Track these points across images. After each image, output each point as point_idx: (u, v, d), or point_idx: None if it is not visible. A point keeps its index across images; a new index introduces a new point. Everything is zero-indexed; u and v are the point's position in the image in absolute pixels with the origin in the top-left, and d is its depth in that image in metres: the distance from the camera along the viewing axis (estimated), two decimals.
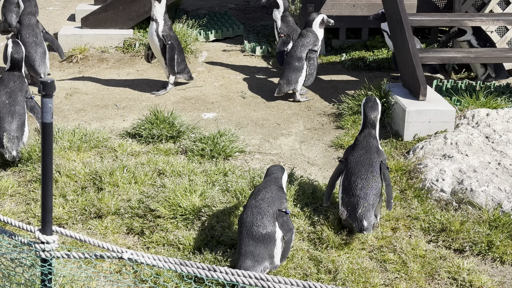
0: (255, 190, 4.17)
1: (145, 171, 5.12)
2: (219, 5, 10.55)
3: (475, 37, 7.22)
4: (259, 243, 3.89)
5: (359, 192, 4.41)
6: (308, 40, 6.79)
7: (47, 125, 2.26)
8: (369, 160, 4.51)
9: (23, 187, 5.03)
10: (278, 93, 6.75)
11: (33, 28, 7.23)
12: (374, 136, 4.66)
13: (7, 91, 5.50)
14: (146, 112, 6.24)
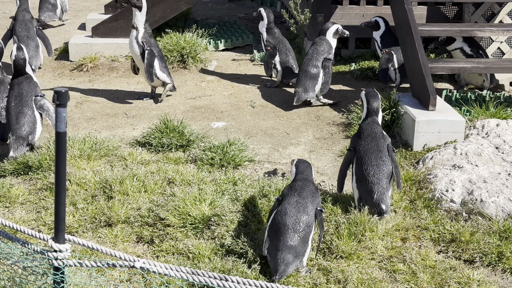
0: (293, 186, 4.31)
1: (155, 180, 5.14)
2: (229, 15, 10.59)
3: (467, 44, 7.17)
4: (301, 239, 4.09)
5: (372, 179, 4.72)
6: (322, 48, 6.83)
7: (61, 135, 2.28)
8: (376, 147, 4.81)
9: (33, 195, 5.06)
10: (296, 101, 6.77)
11: (26, 23, 7.87)
12: (377, 122, 4.96)
13: (15, 94, 5.72)
14: (156, 121, 6.27)
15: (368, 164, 4.77)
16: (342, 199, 4.90)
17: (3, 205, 4.91)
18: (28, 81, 5.81)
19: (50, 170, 5.30)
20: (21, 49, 5.87)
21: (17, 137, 5.62)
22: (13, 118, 5.66)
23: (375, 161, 4.77)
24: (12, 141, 5.62)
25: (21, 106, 5.68)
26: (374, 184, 4.71)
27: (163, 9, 8.35)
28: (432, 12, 8.11)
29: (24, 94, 5.73)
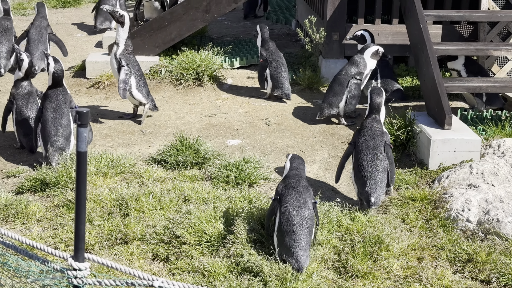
0: (288, 183, 4.55)
1: (170, 197, 5.17)
2: (244, 33, 10.65)
3: (465, 69, 7.16)
4: (308, 233, 4.36)
5: (366, 173, 5.11)
6: (355, 67, 6.88)
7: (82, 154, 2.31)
8: (373, 144, 5.19)
9: (50, 212, 5.10)
10: (319, 116, 6.88)
11: (40, 29, 8.54)
12: (378, 120, 5.30)
13: (52, 105, 5.92)
14: (171, 139, 6.30)
15: (364, 160, 5.15)
16: (357, 219, 4.90)
17: (20, 222, 4.95)
18: (64, 93, 6.02)
19: (67, 187, 5.35)
20: (59, 62, 6.04)
21: (57, 148, 5.83)
22: (52, 129, 5.84)
23: (370, 157, 5.15)
24: (51, 152, 5.80)
25: (60, 117, 5.89)
26: (367, 178, 5.09)
27: (179, 28, 8.43)
28: (447, 31, 8.13)
29: (62, 106, 5.93)
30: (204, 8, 8.37)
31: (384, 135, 5.26)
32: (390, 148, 5.24)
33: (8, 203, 5.07)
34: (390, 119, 6.26)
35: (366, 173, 5.11)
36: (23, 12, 12.10)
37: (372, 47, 6.95)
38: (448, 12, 7.32)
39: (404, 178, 5.61)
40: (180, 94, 7.82)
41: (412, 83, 7.90)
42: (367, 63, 6.92)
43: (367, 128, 5.26)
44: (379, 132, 5.24)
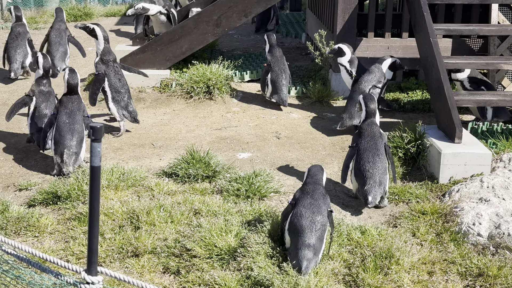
0: (304, 189, 4.62)
1: (181, 211, 5.19)
2: (254, 46, 10.70)
3: (468, 79, 7.18)
4: (318, 237, 4.40)
5: (367, 173, 5.40)
6: (372, 76, 7.00)
7: (95, 169, 2.34)
8: (375, 145, 5.49)
9: (62, 225, 5.13)
10: (340, 126, 6.97)
11: (60, 32, 9.09)
12: (375, 123, 5.65)
13: (67, 112, 6.13)
14: (182, 152, 6.33)
15: (366, 160, 5.44)
16: (368, 232, 4.90)
17: (32, 235, 4.98)
18: (79, 101, 6.26)
19: (78, 200, 5.38)
20: (74, 72, 6.33)
21: (72, 152, 6.01)
22: (67, 134, 6.03)
23: (372, 158, 5.44)
24: (67, 156, 5.98)
25: (74, 123, 6.09)
26: (368, 178, 5.38)
27: (190, 41, 8.48)
28: (457, 45, 8.14)
29: (76, 113, 6.14)
30: (214, 22, 8.42)
31: (383, 136, 5.59)
32: (389, 148, 5.62)
33: (20, 216, 5.10)
34: (400, 133, 6.27)
35: (367, 173, 5.39)
36: (35, 26, 12.21)
37: (388, 59, 7.12)
38: (458, 26, 7.33)
39: (414, 191, 5.61)
40: (190, 107, 7.86)
41: (422, 96, 7.91)
42: (385, 74, 7.06)
43: (367, 131, 5.57)
44: (379, 134, 5.57)
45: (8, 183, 5.95)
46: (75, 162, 6.02)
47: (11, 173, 6.13)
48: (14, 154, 6.54)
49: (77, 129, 6.08)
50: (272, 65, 7.86)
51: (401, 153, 6.14)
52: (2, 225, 5.00)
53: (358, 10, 8.12)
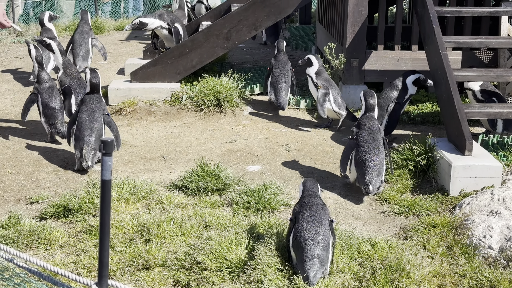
0: (302, 203, 4.64)
1: (191, 223, 5.20)
2: (264, 59, 10.75)
3: (480, 89, 7.18)
4: (323, 248, 4.42)
5: (368, 164, 5.77)
6: (394, 92, 7.03)
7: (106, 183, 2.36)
8: (374, 138, 5.87)
9: (73, 238, 5.15)
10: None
11: (83, 33, 9.56)
12: (374, 117, 6.03)
13: (88, 109, 6.51)
14: (192, 165, 6.36)
15: (367, 152, 5.80)
16: (378, 245, 4.89)
17: (43, 248, 5.01)
18: (100, 100, 6.65)
19: (89, 213, 5.41)
20: (95, 72, 6.70)
21: (91, 148, 6.40)
22: (87, 131, 6.42)
23: (373, 149, 5.81)
24: (87, 151, 6.36)
25: (94, 120, 6.48)
26: (368, 169, 5.75)
27: (200, 54, 8.54)
28: (467, 57, 8.15)
29: (96, 111, 6.54)
30: (224, 35, 8.47)
31: (381, 131, 6.01)
32: (386, 141, 6.02)
33: (31, 229, 5.13)
34: (410, 145, 6.27)
35: (369, 164, 5.76)
36: None
37: (415, 74, 7.13)
38: (468, 38, 7.34)
39: (425, 204, 5.60)
40: (201, 121, 7.89)
41: (432, 108, 7.91)
42: (409, 89, 7.08)
43: (367, 125, 5.96)
44: (377, 128, 5.96)
45: (20, 196, 5.99)
46: (94, 157, 6.40)
47: (23, 186, 6.17)
48: (26, 167, 6.58)
49: (96, 126, 6.44)
50: (273, 68, 8.06)
51: (411, 166, 6.14)
52: (14, 238, 5.03)
53: (367, 23, 8.15)
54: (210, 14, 10.49)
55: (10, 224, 5.24)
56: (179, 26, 9.16)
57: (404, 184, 6.00)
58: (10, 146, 7.16)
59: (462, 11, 7.50)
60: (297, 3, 8.36)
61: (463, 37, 7.47)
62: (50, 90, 7.14)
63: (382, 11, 8.33)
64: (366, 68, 8.19)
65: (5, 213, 5.58)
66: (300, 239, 4.46)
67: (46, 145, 7.16)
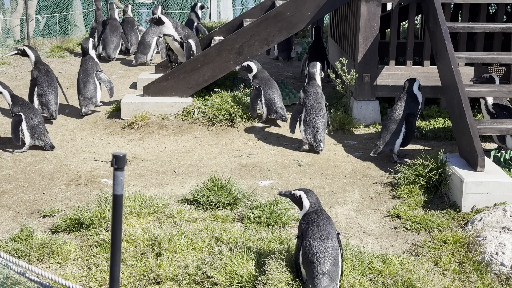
0: (308, 219, 4.60)
1: (202, 238, 5.20)
2: (276, 74, 10.77)
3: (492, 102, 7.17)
4: (332, 263, 4.40)
5: (317, 125, 7.16)
6: (407, 104, 7.01)
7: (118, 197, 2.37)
8: (319, 103, 7.23)
9: (84, 251, 5.17)
10: (374, 153, 7.02)
11: (114, 30, 11.97)
12: (317, 85, 7.33)
13: (83, 69, 8.65)
14: (204, 179, 6.37)
15: (314, 115, 7.16)
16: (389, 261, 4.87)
17: (55, 261, 5.03)
18: (92, 60, 8.68)
19: (101, 226, 5.42)
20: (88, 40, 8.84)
21: (85, 97, 8.54)
22: (81, 85, 8.54)
23: (319, 113, 7.18)
24: (81, 100, 8.55)
25: (87, 77, 8.57)
26: (317, 129, 7.16)
27: (212, 69, 8.58)
28: (479, 73, 8.13)
29: (89, 69, 8.56)
30: (237, 50, 8.51)
31: (323, 96, 7.29)
32: (327, 105, 7.35)
33: (43, 242, 5.15)
34: (422, 161, 6.25)
35: (318, 126, 7.15)
36: (61, 55, 12.41)
37: (415, 80, 7.14)
38: (480, 54, 7.33)
39: (436, 220, 5.58)
40: (212, 135, 7.92)
41: (444, 124, 7.89)
42: (418, 96, 7.09)
43: (311, 91, 7.24)
44: (321, 95, 7.27)
45: (32, 209, 6.02)
46: (91, 105, 8.60)
47: (35, 200, 6.21)
48: (39, 181, 6.62)
49: (89, 81, 8.54)
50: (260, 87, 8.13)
51: (423, 181, 6.12)
52: (26, 251, 5.06)
53: (379, 38, 8.16)
54: (222, 29, 10.54)
55: (23, 237, 5.26)
56: (192, 42, 9.21)
57: (415, 199, 5.99)
58: (23, 159, 7.21)
59: (475, 27, 7.50)
60: (309, 18, 8.39)
61: (475, 53, 7.46)
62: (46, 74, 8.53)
63: (394, 26, 8.34)
64: (377, 84, 8.20)
65: (18, 226, 5.62)
66: (310, 255, 4.45)
67: (59, 159, 7.20)
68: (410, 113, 6.96)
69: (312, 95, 7.21)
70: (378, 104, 8.23)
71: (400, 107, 7.01)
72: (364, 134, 7.94)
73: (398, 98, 7.15)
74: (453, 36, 8.40)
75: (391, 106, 8.48)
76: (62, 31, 14.49)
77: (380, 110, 8.28)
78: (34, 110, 7.52)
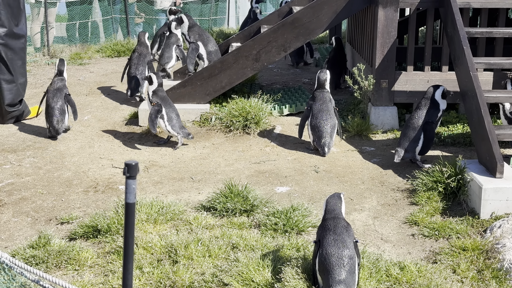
0: (325, 226, 4.58)
1: (219, 245, 5.20)
2: (293, 80, 10.76)
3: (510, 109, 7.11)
4: (348, 272, 4.38)
5: (322, 129, 7.27)
6: (426, 111, 6.98)
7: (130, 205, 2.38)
8: (326, 107, 7.34)
9: (101, 258, 5.19)
10: (397, 159, 6.99)
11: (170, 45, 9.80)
12: (327, 90, 7.48)
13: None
14: (220, 186, 6.37)
15: (320, 119, 7.28)
16: (407, 268, 4.83)
17: (73, 268, 5.05)
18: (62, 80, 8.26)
19: (118, 233, 5.45)
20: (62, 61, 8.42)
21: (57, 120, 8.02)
22: None
23: (325, 117, 7.27)
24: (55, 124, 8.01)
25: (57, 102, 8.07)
26: (323, 133, 7.26)
27: (230, 76, 8.59)
28: (498, 78, 8.06)
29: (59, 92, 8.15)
30: (254, 56, 8.52)
31: (332, 101, 7.43)
32: (337, 110, 7.44)
33: (61, 249, 5.19)
34: (440, 167, 6.20)
35: (323, 129, 7.25)
36: (80, 62, 12.51)
37: (439, 87, 7.07)
38: (499, 59, 7.27)
39: (455, 227, 5.53)
40: (229, 141, 7.92)
41: (463, 130, 7.83)
42: (440, 104, 7.03)
43: (319, 96, 7.38)
44: (329, 99, 7.40)
45: (51, 216, 6.06)
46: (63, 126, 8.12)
47: (54, 207, 6.25)
48: (57, 188, 6.67)
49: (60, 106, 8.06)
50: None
51: (441, 188, 6.07)
52: (44, 258, 5.09)
53: (397, 43, 8.12)
54: (240, 36, 10.56)
55: (40, 244, 5.30)
56: (200, 45, 9.17)
57: (433, 206, 5.94)
58: (42, 166, 7.26)
59: (493, 32, 7.44)
60: (326, 24, 8.38)
61: (494, 58, 7.40)
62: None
63: (412, 31, 8.30)
64: (395, 89, 8.15)
65: (36, 233, 5.66)
66: (326, 263, 4.43)
67: (77, 166, 7.25)
68: (428, 121, 6.91)
69: (319, 99, 7.35)
70: (396, 110, 8.18)
71: (419, 114, 6.95)
72: (382, 140, 7.90)
73: (418, 104, 7.09)
74: (472, 41, 8.33)
75: (409, 112, 8.43)
76: (82, 39, 14.60)
77: (398, 116, 8.23)
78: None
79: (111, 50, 13.20)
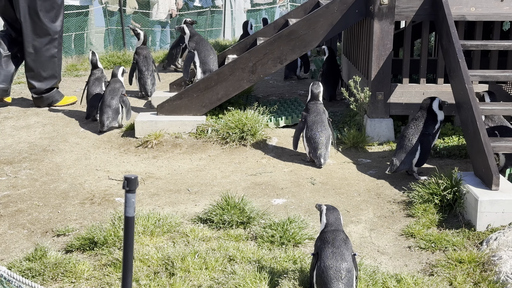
0: (324, 238, 4.59)
1: (215, 257, 5.20)
2: (289, 92, 10.79)
3: None
4: (346, 285, 4.41)
5: (318, 140, 7.29)
6: (423, 122, 6.99)
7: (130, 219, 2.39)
8: (320, 119, 7.38)
9: (98, 270, 5.18)
10: (390, 171, 6.98)
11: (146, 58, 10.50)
12: (320, 102, 7.49)
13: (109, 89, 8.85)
14: (217, 198, 6.38)
15: (315, 131, 7.30)
16: (404, 281, 4.84)
17: (69, 281, 5.04)
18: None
19: (114, 246, 5.44)
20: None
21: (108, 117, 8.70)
22: None
23: (320, 128, 7.30)
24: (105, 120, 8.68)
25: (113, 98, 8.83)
26: (318, 144, 7.29)
27: (226, 88, 8.61)
28: (493, 90, 8.10)
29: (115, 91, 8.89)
30: (250, 68, 8.55)
31: (326, 112, 7.50)
32: (330, 121, 7.48)
33: (57, 261, 5.17)
34: (436, 179, 6.22)
35: (319, 140, 7.27)
36: (76, 73, 12.52)
37: (435, 98, 7.08)
38: (494, 72, 7.31)
39: (451, 239, 5.54)
40: (226, 153, 7.93)
41: (459, 142, 7.86)
42: (438, 115, 7.04)
43: (313, 108, 7.43)
44: (322, 110, 7.44)
45: (47, 228, 6.05)
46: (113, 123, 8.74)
47: (50, 219, 6.24)
48: (53, 200, 6.66)
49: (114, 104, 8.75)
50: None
51: (437, 200, 6.09)
52: (40, 271, 5.08)
53: (393, 56, 8.16)
54: (236, 48, 10.59)
55: (37, 256, 5.29)
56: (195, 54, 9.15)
57: (430, 218, 5.95)
58: (38, 178, 7.26)
59: (488, 44, 7.49)
60: (322, 36, 8.41)
61: (489, 71, 7.43)
62: None
63: (407, 44, 8.35)
64: (391, 101, 8.19)
65: (32, 245, 5.65)
66: (323, 276, 4.43)
67: (73, 178, 7.24)
68: (425, 133, 6.93)
69: (313, 111, 7.38)
70: (392, 122, 8.21)
71: (416, 125, 6.97)
72: (378, 152, 7.92)
73: (415, 116, 7.11)
74: (467, 53, 8.38)
75: (404, 124, 8.46)
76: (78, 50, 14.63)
77: (394, 128, 8.26)
78: None
79: (107, 61, 13.21)
